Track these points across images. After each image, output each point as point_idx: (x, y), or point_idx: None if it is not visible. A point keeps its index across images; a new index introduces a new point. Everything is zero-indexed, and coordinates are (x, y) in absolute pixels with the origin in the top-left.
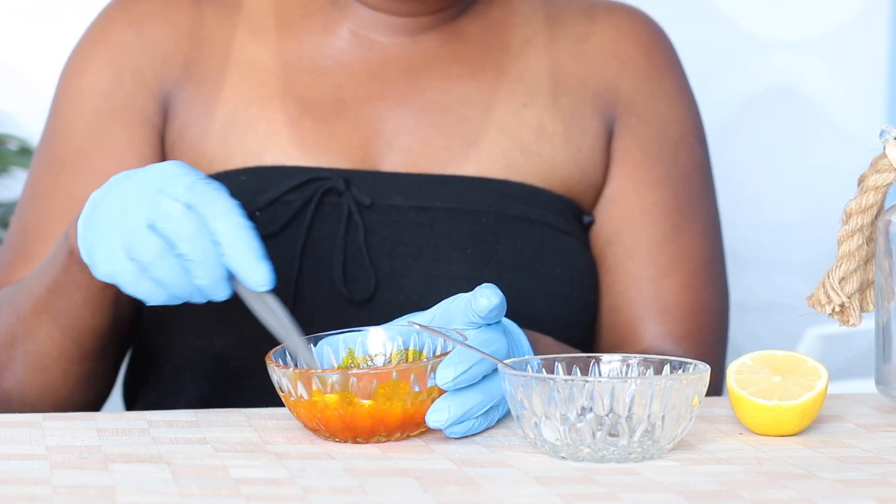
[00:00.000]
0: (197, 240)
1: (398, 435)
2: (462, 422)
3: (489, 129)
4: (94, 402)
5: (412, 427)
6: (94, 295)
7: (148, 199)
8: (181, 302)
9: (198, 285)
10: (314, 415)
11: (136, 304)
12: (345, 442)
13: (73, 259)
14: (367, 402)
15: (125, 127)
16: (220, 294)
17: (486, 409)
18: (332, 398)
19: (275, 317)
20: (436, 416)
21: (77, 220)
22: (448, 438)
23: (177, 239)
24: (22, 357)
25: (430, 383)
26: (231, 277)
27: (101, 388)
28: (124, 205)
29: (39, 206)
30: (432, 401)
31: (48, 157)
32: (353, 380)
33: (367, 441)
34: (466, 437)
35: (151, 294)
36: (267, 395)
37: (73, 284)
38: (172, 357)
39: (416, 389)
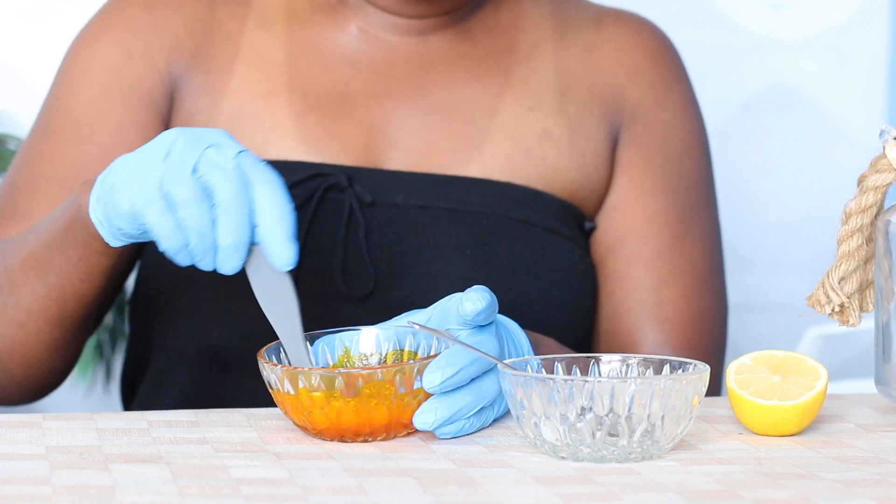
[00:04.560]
0: (236, 195)
1: (384, 435)
2: (452, 423)
3: (494, 131)
4: (59, 374)
5: (399, 428)
6: (89, 257)
7: (198, 150)
8: (188, 261)
9: (217, 244)
10: (301, 412)
11: (119, 284)
12: (332, 440)
13: (79, 216)
14: (352, 402)
15: (130, 107)
16: (232, 262)
17: (475, 410)
18: (318, 396)
19: (283, 302)
20: (423, 417)
21: (93, 178)
22: (449, 438)
23: (217, 188)
24: (2, 309)
25: (416, 385)
26: (248, 251)
27: (67, 360)
28: (169, 150)
29: (33, 168)
30: (418, 403)
31: (48, 123)
32: (338, 379)
33: (353, 440)
34: (462, 436)
35: (168, 235)
36: (264, 389)
37: (71, 241)
38: (167, 348)
39: (402, 391)
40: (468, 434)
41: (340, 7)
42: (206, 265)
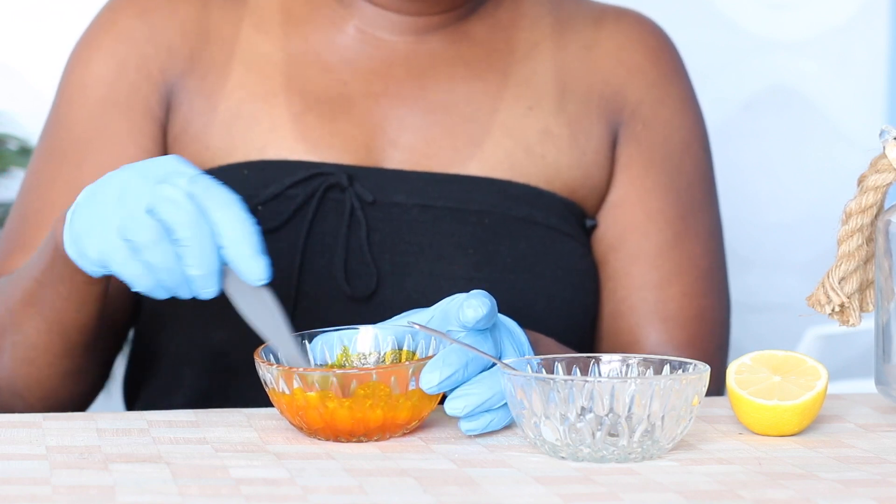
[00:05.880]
0: (195, 227)
1: (378, 436)
2: (481, 414)
3: (494, 129)
4: (84, 397)
5: (394, 429)
6: (78, 288)
7: (149, 187)
8: (166, 294)
9: (189, 275)
10: (296, 412)
11: (132, 302)
12: (327, 440)
13: (58, 252)
14: (346, 402)
15: (127, 118)
16: (209, 288)
17: (503, 402)
18: (312, 396)
19: (268, 313)
20: (454, 403)
21: (65, 212)
22: (448, 438)
23: (175, 224)
24: (10, 348)
25: (411, 386)
26: (222, 274)
27: (91, 383)
28: (123, 191)
29: (40, 195)
30: (413, 405)
31: (51, 146)
32: (332, 379)
33: (348, 441)
34: (490, 432)
35: (138, 278)
36: (265, 391)
37: (58, 277)
38: (171, 352)
39: (397, 392)
40: (496, 430)
41: (338, 6)
42: (184, 294)
